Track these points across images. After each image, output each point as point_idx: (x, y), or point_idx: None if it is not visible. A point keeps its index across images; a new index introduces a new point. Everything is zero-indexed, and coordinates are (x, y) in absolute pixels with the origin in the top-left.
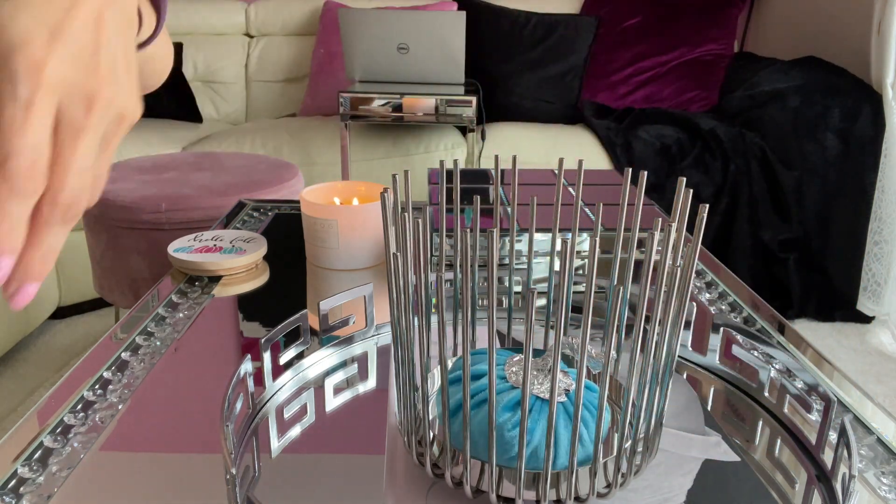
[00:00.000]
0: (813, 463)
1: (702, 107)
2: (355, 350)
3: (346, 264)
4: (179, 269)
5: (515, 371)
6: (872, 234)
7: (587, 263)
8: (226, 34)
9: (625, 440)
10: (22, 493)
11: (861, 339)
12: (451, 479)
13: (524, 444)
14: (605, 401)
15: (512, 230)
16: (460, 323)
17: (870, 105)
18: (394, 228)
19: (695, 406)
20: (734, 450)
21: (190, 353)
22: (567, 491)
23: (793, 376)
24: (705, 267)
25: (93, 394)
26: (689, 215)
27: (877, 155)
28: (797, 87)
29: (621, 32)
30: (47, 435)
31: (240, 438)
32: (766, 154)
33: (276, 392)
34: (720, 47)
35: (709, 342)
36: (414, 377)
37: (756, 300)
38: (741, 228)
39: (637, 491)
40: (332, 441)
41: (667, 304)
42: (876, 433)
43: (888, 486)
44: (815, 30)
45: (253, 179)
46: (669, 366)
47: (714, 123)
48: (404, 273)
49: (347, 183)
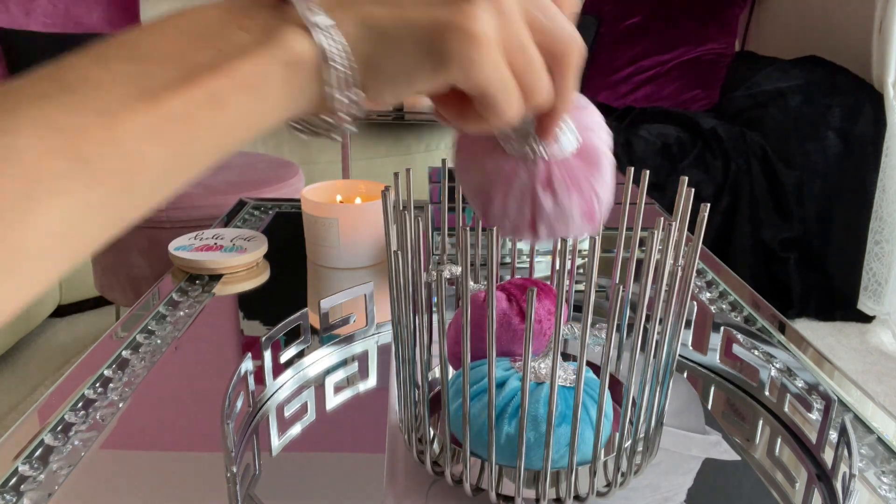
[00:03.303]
0: (813, 462)
1: (703, 106)
2: (356, 349)
3: (347, 263)
4: (180, 267)
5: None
6: (873, 234)
7: (588, 262)
8: None
9: (625, 439)
10: (23, 491)
11: (861, 339)
12: (451, 477)
13: (524, 442)
14: (605, 402)
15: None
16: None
17: (871, 104)
18: (395, 227)
19: (695, 405)
20: (734, 449)
21: (190, 352)
22: (567, 490)
23: (793, 375)
24: (706, 266)
25: (93, 392)
26: (689, 214)
27: (878, 154)
28: (798, 87)
29: (622, 31)
30: (48, 433)
31: (240, 437)
32: (767, 153)
33: (276, 390)
34: (721, 46)
35: (709, 341)
36: (415, 375)
37: (756, 299)
38: (742, 228)
39: (637, 490)
40: (332, 439)
41: (667, 303)
42: (876, 432)
43: (888, 485)
44: (816, 29)
45: (254, 178)
46: (670, 365)
47: (715, 123)
48: (405, 271)
49: (348, 181)
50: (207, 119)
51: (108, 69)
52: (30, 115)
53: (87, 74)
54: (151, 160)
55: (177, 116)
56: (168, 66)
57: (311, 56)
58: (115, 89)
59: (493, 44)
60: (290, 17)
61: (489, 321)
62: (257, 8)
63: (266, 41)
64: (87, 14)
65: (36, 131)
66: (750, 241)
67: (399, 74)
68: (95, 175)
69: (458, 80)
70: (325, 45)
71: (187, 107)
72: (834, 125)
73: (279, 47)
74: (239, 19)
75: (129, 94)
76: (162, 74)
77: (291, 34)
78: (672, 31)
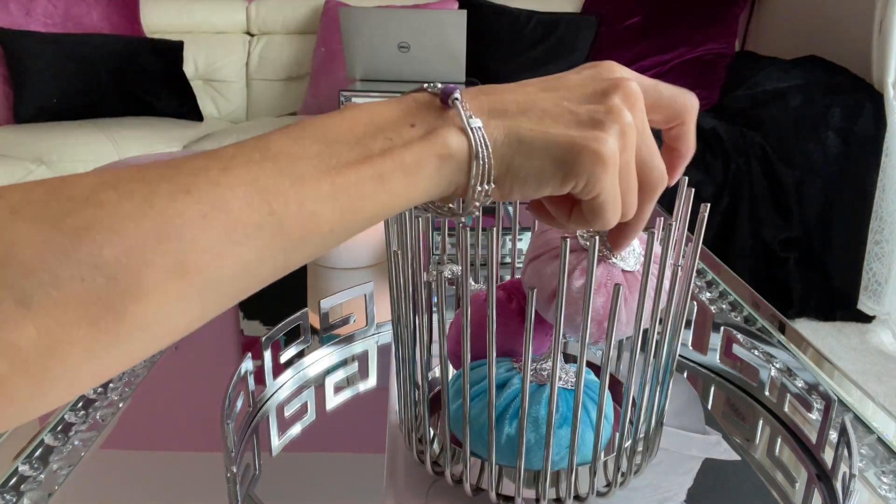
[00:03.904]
0: (813, 462)
1: (703, 106)
2: (356, 348)
3: (347, 263)
4: None
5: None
6: (873, 234)
7: (587, 262)
8: (227, 32)
9: (625, 439)
10: (23, 491)
11: (861, 339)
12: (451, 477)
13: (524, 442)
14: (605, 403)
15: (514, 229)
16: None
17: (871, 104)
18: (395, 227)
19: (695, 405)
20: (734, 449)
21: (190, 352)
22: (567, 489)
23: (793, 375)
24: (706, 266)
25: (93, 392)
26: (689, 214)
27: (878, 154)
28: (798, 87)
29: (622, 31)
30: (48, 433)
31: (240, 437)
32: (767, 153)
33: (276, 390)
34: (721, 46)
35: (709, 341)
36: (415, 375)
37: (757, 299)
38: (742, 228)
39: (637, 490)
40: (332, 439)
41: (668, 303)
42: (876, 432)
43: (888, 485)
44: (816, 29)
45: None
46: (670, 365)
47: (715, 122)
48: (405, 271)
49: None
50: (371, 192)
51: (303, 147)
52: (240, 174)
53: (286, 149)
54: (323, 220)
55: (350, 188)
56: (349, 148)
57: (462, 152)
58: (307, 163)
59: (616, 166)
60: (451, 119)
61: (489, 321)
62: (426, 110)
63: (428, 137)
64: (87, 14)
65: (243, 188)
66: (750, 241)
67: (531, 177)
68: (281, 228)
69: (578, 190)
70: (476, 145)
71: (359, 181)
72: (834, 125)
73: (437, 143)
74: (410, 118)
75: (317, 167)
76: (344, 155)
77: (448, 133)
78: (672, 31)
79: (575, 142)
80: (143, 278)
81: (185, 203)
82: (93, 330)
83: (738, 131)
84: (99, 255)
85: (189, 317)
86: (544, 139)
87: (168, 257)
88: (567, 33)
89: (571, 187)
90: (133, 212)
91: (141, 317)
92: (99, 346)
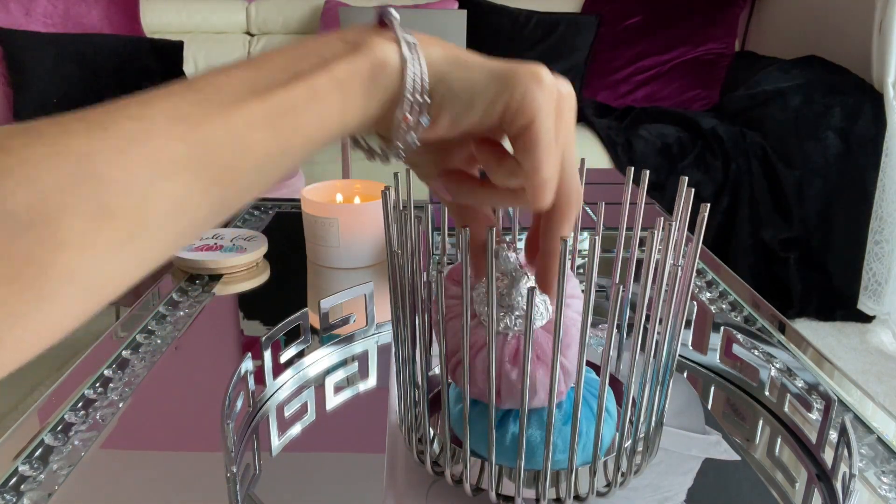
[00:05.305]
0: (813, 462)
1: (703, 106)
2: (356, 348)
3: (347, 263)
4: (180, 267)
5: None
6: (873, 234)
7: (587, 262)
8: (226, 32)
9: (625, 439)
10: (23, 491)
11: (861, 339)
12: (451, 477)
13: (524, 443)
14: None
15: (514, 229)
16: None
17: (871, 104)
18: (395, 227)
19: (695, 405)
20: (734, 449)
21: (190, 352)
22: (567, 490)
23: (793, 375)
24: (706, 266)
25: (93, 392)
26: (689, 214)
27: (878, 154)
28: (798, 87)
29: (622, 31)
30: (48, 433)
31: (240, 437)
32: (767, 153)
33: (276, 390)
34: (721, 46)
35: (709, 341)
36: (415, 375)
37: (756, 299)
38: (742, 227)
39: (637, 490)
40: (332, 439)
41: (668, 303)
42: (876, 432)
43: (888, 485)
44: (816, 29)
45: None
46: (670, 365)
47: (715, 122)
48: (405, 271)
49: (348, 181)
50: (304, 110)
51: (228, 75)
52: (160, 106)
53: (211, 79)
54: (257, 145)
55: (282, 108)
56: (278, 72)
57: (394, 61)
58: (235, 88)
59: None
60: (386, 34)
61: (489, 321)
62: (360, 29)
63: (359, 48)
64: (86, 14)
65: (163, 118)
66: (750, 241)
67: (464, 92)
68: (210, 157)
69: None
70: (408, 54)
71: (292, 100)
72: (834, 125)
73: (369, 54)
74: (342, 35)
75: (246, 90)
76: (274, 76)
77: (381, 43)
78: (672, 31)
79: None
80: (63, 225)
81: (101, 140)
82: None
83: (738, 131)
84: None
85: (123, 266)
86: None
87: (88, 201)
88: (567, 33)
89: (503, 106)
90: (45, 153)
91: (65, 268)
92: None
